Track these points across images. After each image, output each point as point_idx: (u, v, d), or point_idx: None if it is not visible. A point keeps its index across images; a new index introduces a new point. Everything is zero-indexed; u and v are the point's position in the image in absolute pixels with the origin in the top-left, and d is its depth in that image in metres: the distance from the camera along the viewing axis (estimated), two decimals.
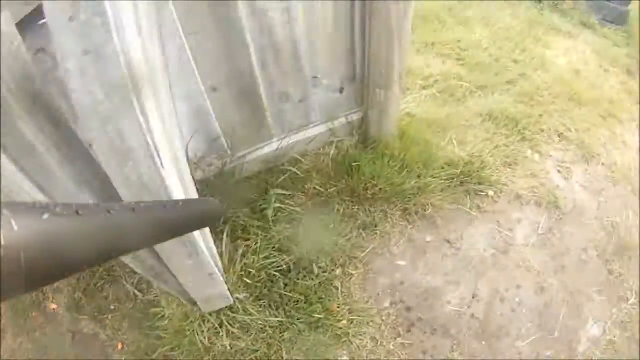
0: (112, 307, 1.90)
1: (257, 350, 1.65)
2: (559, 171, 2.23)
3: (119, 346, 1.81)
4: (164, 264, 1.26)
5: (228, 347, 1.66)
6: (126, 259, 1.38)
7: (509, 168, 2.21)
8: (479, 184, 2.09)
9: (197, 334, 1.65)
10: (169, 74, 1.49)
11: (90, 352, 1.82)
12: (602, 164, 2.29)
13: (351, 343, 1.67)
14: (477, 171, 2.10)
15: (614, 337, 1.71)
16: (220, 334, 1.66)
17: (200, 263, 1.32)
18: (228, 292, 1.61)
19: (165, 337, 1.70)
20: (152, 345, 1.72)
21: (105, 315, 1.86)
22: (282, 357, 1.66)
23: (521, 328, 1.70)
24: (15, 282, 0.23)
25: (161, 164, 0.87)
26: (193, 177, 1.81)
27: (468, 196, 2.06)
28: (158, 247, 1.18)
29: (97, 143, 0.79)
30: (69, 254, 0.28)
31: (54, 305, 1.95)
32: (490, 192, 2.09)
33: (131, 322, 1.83)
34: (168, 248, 1.18)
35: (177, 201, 0.45)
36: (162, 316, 1.74)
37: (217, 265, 1.60)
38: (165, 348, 1.69)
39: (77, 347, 1.84)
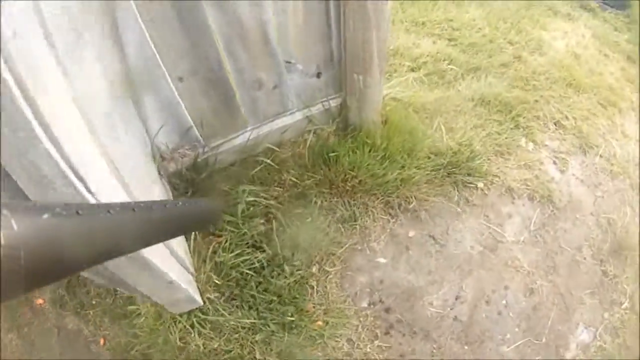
0: (93, 302, 1.73)
1: (231, 351, 1.45)
2: (554, 162, 1.88)
3: (102, 342, 1.68)
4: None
5: (202, 347, 1.46)
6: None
7: (501, 158, 1.87)
8: (468, 175, 1.77)
9: (170, 334, 1.44)
10: (130, 70, 1.21)
11: (75, 347, 1.70)
12: (601, 155, 1.93)
13: (326, 345, 1.44)
14: (467, 161, 1.78)
15: (605, 343, 1.44)
16: (193, 334, 1.44)
17: (155, 274, 1.09)
18: (196, 295, 1.38)
19: (142, 336, 1.50)
20: (131, 343, 1.56)
21: (87, 311, 1.70)
22: (255, 358, 1.43)
23: (507, 333, 1.43)
24: (16, 282, 0.21)
25: (85, 188, 0.78)
26: (160, 172, 1.53)
27: (456, 188, 1.75)
28: (109, 264, 0.98)
29: (15, 175, 0.72)
30: (69, 254, 0.26)
31: (40, 300, 1.78)
32: (480, 184, 1.77)
33: (112, 318, 1.68)
34: (119, 265, 1.00)
35: (177, 201, 0.50)
36: (139, 314, 1.55)
37: (184, 266, 1.36)
38: (142, 346, 1.50)
39: (62, 343, 1.71)
